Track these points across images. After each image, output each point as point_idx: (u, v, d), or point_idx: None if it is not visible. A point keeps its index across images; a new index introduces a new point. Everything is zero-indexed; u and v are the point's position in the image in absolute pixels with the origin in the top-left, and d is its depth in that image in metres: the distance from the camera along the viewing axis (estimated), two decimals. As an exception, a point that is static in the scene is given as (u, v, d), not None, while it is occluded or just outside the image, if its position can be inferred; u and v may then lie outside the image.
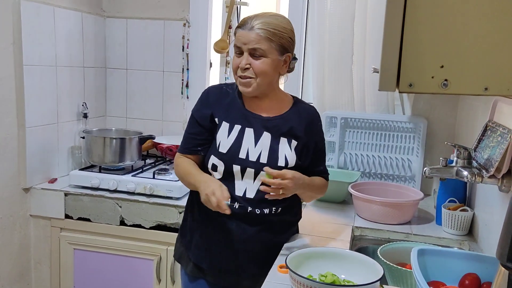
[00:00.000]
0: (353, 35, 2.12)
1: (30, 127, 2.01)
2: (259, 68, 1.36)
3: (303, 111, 1.48)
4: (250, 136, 1.41)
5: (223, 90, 1.48)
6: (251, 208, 1.40)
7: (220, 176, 1.40)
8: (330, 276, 1.19)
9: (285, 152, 1.41)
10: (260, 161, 1.39)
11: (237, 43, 1.37)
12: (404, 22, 0.73)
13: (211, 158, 1.41)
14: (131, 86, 2.51)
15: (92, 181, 2.04)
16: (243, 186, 1.40)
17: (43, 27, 2.03)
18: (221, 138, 1.41)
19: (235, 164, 1.39)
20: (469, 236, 1.66)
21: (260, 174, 1.37)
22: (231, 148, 1.39)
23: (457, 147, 1.36)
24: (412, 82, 0.74)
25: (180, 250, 1.54)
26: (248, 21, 1.35)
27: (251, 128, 1.42)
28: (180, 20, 2.39)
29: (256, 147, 1.40)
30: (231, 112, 1.43)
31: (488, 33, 0.73)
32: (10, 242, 2.01)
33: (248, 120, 1.42)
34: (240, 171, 1.39)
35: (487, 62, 0.74)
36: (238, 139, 1.40)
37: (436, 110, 2.14)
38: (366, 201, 1.76)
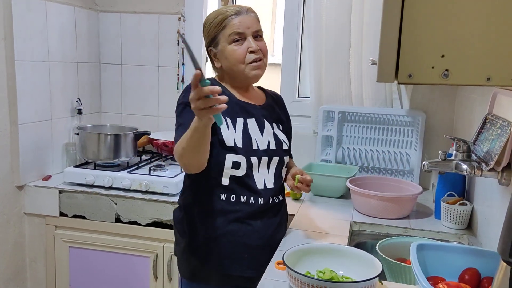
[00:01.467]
0: (350, 27, 2.10)
1: (22, 124, 1.98)
2: (265, 48, 1.41)
3: (275, 97, 1.56)
4: (254, 126, 1.41)
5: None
6: (272, 198, 1.42)
7: (243, 172, 1.36)
8: (328, 272, 1.17)
9: (281, 136, 1.47)
10: (270, 148, 1.41)
11: (239, 29, 1.35)
12: (403, 10, 0.70)
13: (228, 157, 1.34)
14: (126, 82, 2.48)
15: (87, 178, 2.01)
16: (261, 178, 1.39)
17: (35, 22, 2.00)
18: (233, 135, 1.36)
19: (252, 157, 1.37)
20: (468, 230, 1.64)
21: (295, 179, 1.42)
22: (244, 141, 1.37)
23: (456, 140, 1.34)
24: (412, 73, 0.72)
25: (193, 265, 1.41)
26: (238, 8, 1.37)
27: (252, 119, 1.41)
28: (175, 14, 2.36)
29: (263, 136, 1.41)
30: (228, 106, 1.34)
31: (491, 21, 0.70)
32: (5, 240, 1.99)
33: (248, 111, 1.41)
34: (257, 162, 1.38)
35: (489, 51, 0.71)
36: (245, 131, 1.38)
37: (434, 104, 2.12)
38: (364, 195, 1.74)
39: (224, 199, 1.37)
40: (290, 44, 2.30)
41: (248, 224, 1.38)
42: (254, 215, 1.38)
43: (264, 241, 1.40)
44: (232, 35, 1.35)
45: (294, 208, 1.83)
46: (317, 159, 2.18)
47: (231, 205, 1.37)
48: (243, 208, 1.37)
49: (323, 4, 2.11)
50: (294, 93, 2.35)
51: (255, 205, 1.38)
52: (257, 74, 1.40)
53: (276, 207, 1.45)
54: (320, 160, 2.17)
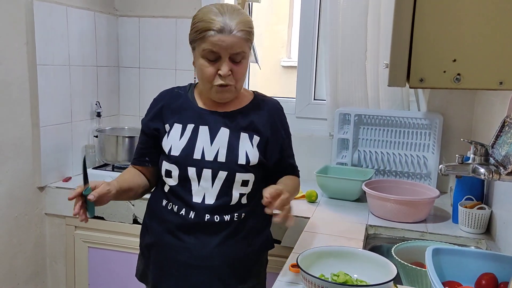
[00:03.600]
0: (366, 30, 2.09)
1: (44, 127, 2.03)
2: (241, 73, 1.27)
3: (264, 105, 1.38)
4: (205, 134, 1.30)
5: (174, 93, 1.40)
6: (209, 215, 1.28)
7: (175, 182, 1.30)
8: (343, 275, 1.17)
9: (246, 149, 1.30)
10: (218, 159, 1.28)
11: (214, 48, 1.21)
12: (414, 14, 0.70)
13: (163, 164, 1.32)
14: (144, 85, 2.52)
15: (105, 180, 2.04)
16: (201, 192, 1.28)
17: (56, 27, 2.05)
18: (172, 142, 1.30)
19: (189, 167, 1.27)
20: (487, 234, 1.62)
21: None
22: (184, 149, 1.29)
23: (474, 143, 1.32)
24: (423, 77, 0.72)
25: (141, 268, 1.45)
26: (224, 23, 1.20)
27: (205, 126, 1.31)
28: (191, 18, 2.38)
29: (212, 145, 1.29)
30: (184, 113, 1.34)
31: (503, 25, 0.70)
32: (26, 240, 2.04)
33: (203, 118, 1.32)
34: (195, 173, 1.27)
35: (502, 55, 0.70)
36: (191, 139, 1.29)
37: (452, 106, 2.10)
38: (380, 199, 1.73)
39: (164, 205, 1.35)
40: (306, 46, 2.31)
41: (179, 238, 1.31)
42: (185, 229, 1.30)
43: (196, 261, 1.30)
44: (206, 52, 1.23)
45: (309, 210, 1.83)
46: (333, 162, 2.18)
47: (167, 213, 1.34)
48: (175, 219, 1.31)
49: (339, 7, 2.11)
50: (310, 96, 2.35)
51: (186, 218, 1.29)
52: (221, 98, 1.30)
53: (216, 226, 1.29)
54: (336, 163, 2.16)
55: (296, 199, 1.98)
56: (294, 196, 1.43)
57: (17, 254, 2.00)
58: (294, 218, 1.20)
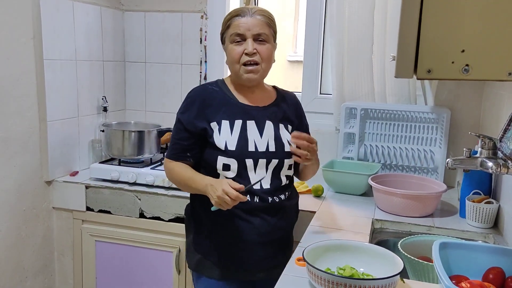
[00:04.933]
0: (373, 24, 2.07)
1: (51, 121, 2.04)
2: (266, 53, 1.40)
3: (287, 97, 1.56)
4: (253, 128, 1.43)
5: (209, 90, 1.46)
6: (271, 198, 1.43)
7: (234, 174, 1.40)
8: (349, 269, 1.17)
9: (286, 137, 1.47)
10: (270, 150, 1.43)
11: (239, 30, 1.38)
12: (422, 4, 0.69)
13: (219, 159, 1.39)
14: (150, 80, 2.52)
15: (112, 174, 2.06)
16: (258, 179, 1.41)
17: (62, 21, 2.05)
18: (226, 138, 1.40)
19: (247, 159, 1.40)
20: (494, 229, 1.61)
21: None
22: (238, 143, 1.40)
23: (482, 137, 1.31)
24: (431, 68, 0.71)
25: (197, 258, 1.50)
26: (245, 10, 1.39)
27: (252, 120, 1.43)
28: (197, 12, 2.38)
29: (262, 137, 1.43)
30: (227, 109, 1.43)
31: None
32: (34, 234, 2.06)
33: (248, 113, 1.44)
34: (253, 164, 1.41)
35: (511, 45, 0.69)
36: (242, 134, 1.41)
37: (460, 100, 2.08)
38: (387, 193, 1.72)
39: None
40: (312, 41, 2.29)
41: (246, 220, 1.42)
42: (251, 212, 1.42)
43: (263, 238, 1.44)
44: (233, 36, 1.39)
45: (316, 204, 1.82)
46: (339, 156, 2.17)
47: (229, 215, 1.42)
48: (240, 205, 1.37)
49: (345, 0, 2.09)
50: (316, 90, 2.34)
51: (252, 203, 1.41)
52: (249, 78, 1.41)
53: (276, 206, 1.45)
54: (342, 157, 2.16)
55: (302, 193, 1.98)
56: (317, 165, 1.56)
57: (25, 248, 2.01)
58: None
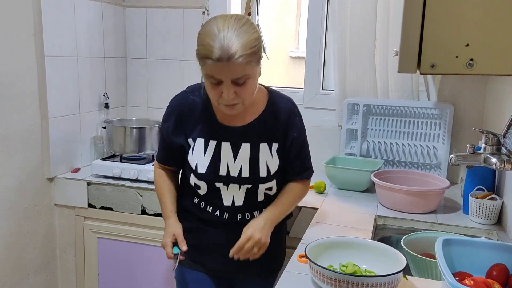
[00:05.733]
0: (375, 18, 2.05)
1: (52, 118, 2.03)
2: (247, 93, 1.24)
3: (278, 109, 1.37)
4: (227, 150, 1.34)
5: (189, 101, 1.37)
6: (241, 215, 1.40)
7: (204, 192, 1.39)
8: (351, 266, 1.16)
9: (266, 160, 1.36)
10: (242, 175, 1.35)
11: (214, 74, 1.18)
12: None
13: (192, 178, 1.38)
14: (151, 76, 2.51)
15: (113, 171, 2.05)
16: (230, 196, 1.38)
17: (63, 17, 2.05)
18: (197, 158, 1.36)
19: (217, 183, 1.36)
20: (498, 225, 1.60)
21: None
22: (209, 166, 1.35)
23: (485, 133, 1.30)
24: (435, 63, 0.69)
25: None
26: (222, 50, 1.13)
27: (227, 142, 1.35)
28: (199, 8, 2.37)
29: (235, 162, 1.34)
30: (204, 126, 1.35)
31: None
32: (36, 231, 2.06)
33: (224, 133, 1.35)
34: (223, 185, 1.37)
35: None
36: (215, 156, 1.35)
37: (463, 96, 2.06)
38: (389, 189, 1.72)
39: (196, 203, 1.44)
40: (314, 36, 2.28)
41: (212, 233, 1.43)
42: (218, 227, 1.42)
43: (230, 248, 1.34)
44: (208, 76, 1.20)
45: (318, 201, 1.82)
46: (341, 152, 2.16)
47: (200, 211, 1.43)
48: (208, 216, 1.41)
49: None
50: (318, 86, 2.33)
51: (221, 218, 1.40)
52: (231, 113, 1.29)
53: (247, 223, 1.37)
54: (345, 154, 2.15)
55: (304, 190, 1.97)
56: (290, 208, 1.46)
57: (27, 245, 2.01)
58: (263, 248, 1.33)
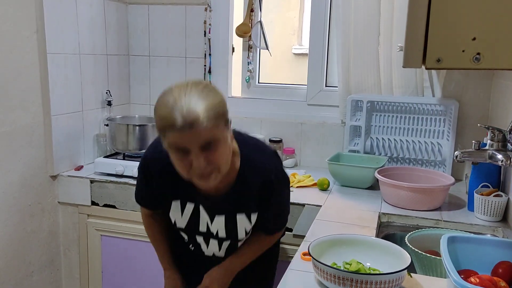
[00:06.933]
0: (379, 14, 2.04)
1: (55, 115, 2.03)
2: (219, 158, 1.12)
3: (251, 178, 1.26)
4: (204, 214, 1.34)
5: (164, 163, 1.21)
6: (224, 256, 1.44)
7: (186, 239, 1.44)
8: (355, 264, 1.15)
9: (244, 227, 1.34)
10: (219, 236, 1.37)
11: (179, 144, 1.07)
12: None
13: (173, 226, 1.41)
14: (154, 73, 2.51)
15: (116, 168, 2.05)
16: (210, 250, 1.42)
17: (65, 14, 2.04)
18: (175, 217, 1.37)
19: (198, 235, 1.39)
20: (503, 222, 1.58)
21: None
22: (188, 224, 1.37)
23: (491, 129, 1.29)
24: (441, 57, 0.68)
25: None
26: (182, 118, 1.03)
27: (204, 208, 1.33)
28: (201, 5, 2.36)
29: (212, 224, 1.35)
30: (181, 189, 1.29)
31: (526, 0, 0.66)
32: (40, 229, 2.06)
33: (200, 199, 1.31)
34: (203, 240, 1.40)
35: (525, 33, 0.67)
36: (193, 217, 1.35)
37: (468, 92, 2.05)
38: (393, 186, 1.70)
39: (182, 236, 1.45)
40: (318, 32, 2.26)
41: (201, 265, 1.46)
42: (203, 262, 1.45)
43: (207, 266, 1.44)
44: (172, 147, 1.10)
45: (321, 198, 1.81)
46: (345, 149, 2.15)
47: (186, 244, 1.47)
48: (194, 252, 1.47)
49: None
50: (321, 83, 2.31)
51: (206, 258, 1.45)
52: (207, 186, 1.21)
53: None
54: (348, 151, 2.14)
55: (308, 186, 1.97)
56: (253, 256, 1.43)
57: (31, 243, 2.02)
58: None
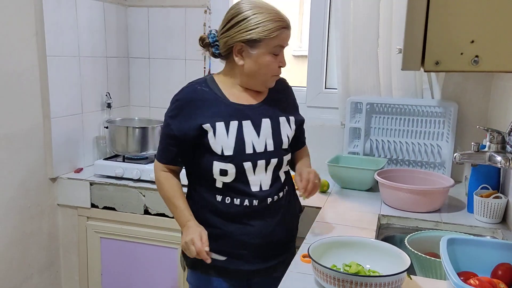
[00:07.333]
0: (378, 16, 2.04)
1: (55, 118, 2.03)
2: None
3: (280, 84, 1.48)
4: (249, 128, 1.36)
5: (198, 91, 1.37)
6: (270, 199, 1.40)
7: (231, 178, 1.35)
8: (355, 266, 1.15)
9: (286, 133, 1.43)
10: (268, 150, 1.38)
11: (283, 43, 1.33)
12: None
13: (215, 165, 1.34)
14: (154, 75, 2.51)
15: (116, 171, 2.05)
16: (257, 181, 1.37)
17: (65, 17, 2.04)
18: (221, 142, 1.33)
19: (245, 162, 1.34)
20: (503, 224, 1.58)
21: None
22: (235, 147, 1.33)
23: (490, 131, 1.29)
24: (439, 60, 0.68)
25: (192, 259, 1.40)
26: (287, 20, 1.33)
27: (248, 120, 1.36)
28: (201, 7, 2.36)
29: (260, 137, 1.37)
30: (220, 110, 1.35)
31: (524, 3, 0.66)
32: (39, 231, 2.06)
33: (242, 113, 1.36)
34: (252, 166, 1.35)
35: (523, 35, 0.67)
36: (239, 136, 1.34)
37: (468, 94, 2.05)
38: (393, 188, 1.70)
39: (220, 200, 1.39)
40: (317, 35, 2.27)
41: (246, 223, 1.39)
42: (251, 216, 1.39)
43: (263, 240, 1.40)
44: (277, 47, 1.32)
45: (321, 200, 1.81)
46: (344, 151, 2.15)
47: (226, 206, 1.38)
48: (239, 209, 1.38)
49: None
50: (321, 85, 2.31)
51: (251, 207, 1.38)
52: (270, 86, 1.42)
53: (275, 206, 1.42)
54: (348, 152, 2.14)
55: (307, 189, 1.96)
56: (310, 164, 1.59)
57: (30, 245, 2.01)
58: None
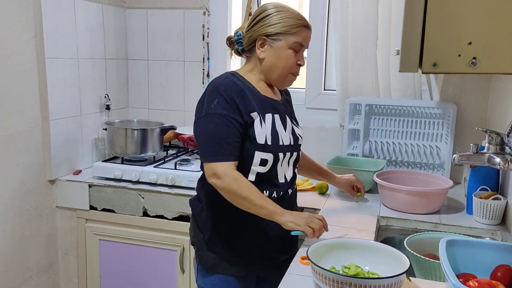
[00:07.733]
0: (377, 18, 2.04)
1: (54, 120, 2.03)
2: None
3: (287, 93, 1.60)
4: (279, 122, 1.43)
5: (238, 83, 1.39)
6: (291, 190, 1.48)
7: (267, 169, 1.38)
8: (354, 268, 1.15)
9: (298, 131, 1.51)
10: (291, 143, 1.45)
11: (305, 42, 1.39)
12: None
13: (257, 154, 1.35)
14: (152, 77, 2.51)
15: (115, 173, 2.05)
16: (282, 173, 1.43)
17: (64, 19, 2.04)
18: (265, 132, 1.36)
19: (279, 153, 1.40)
20: (502, 225, 1.58)
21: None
22: (273, 138, 1.39)
23: (489, 132, 1.29)
24: (437, 62, 0.68)
25: (213, 258, 1.44)
26: (307, 22, 1.40)
27: (277, 114, 1.44)
28: (199, 9, 2.36)
29: (286, 131, 1.44)
30: (258, 103, 1.39)
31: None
32: (38, 233, 2.05)
33: (274, 106, 1.44)
34: (282, 157, 1.42)
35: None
36: (273, 128, 1.40)
37: (467, 95, 2.05)
38: (392, 190, 1.70)
39: None
40: (316, 36, 2.26)
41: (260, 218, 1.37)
42: None
43: (283, 232, 1.37)
44: (297, 44, 1.38)
45: (320, 202, 1.81)
46: (344, 152, 2.15)
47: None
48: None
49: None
50: (320, 86, 2.32)
51: (277, 198, 1.42)
52: (289, 85, 1.48)
53: (290, 199, 1.49)
54: (347, 154, 2.14)
55: (306, 190, 1.96)
56: None
57: (29, 247, 2.01)
58: None
